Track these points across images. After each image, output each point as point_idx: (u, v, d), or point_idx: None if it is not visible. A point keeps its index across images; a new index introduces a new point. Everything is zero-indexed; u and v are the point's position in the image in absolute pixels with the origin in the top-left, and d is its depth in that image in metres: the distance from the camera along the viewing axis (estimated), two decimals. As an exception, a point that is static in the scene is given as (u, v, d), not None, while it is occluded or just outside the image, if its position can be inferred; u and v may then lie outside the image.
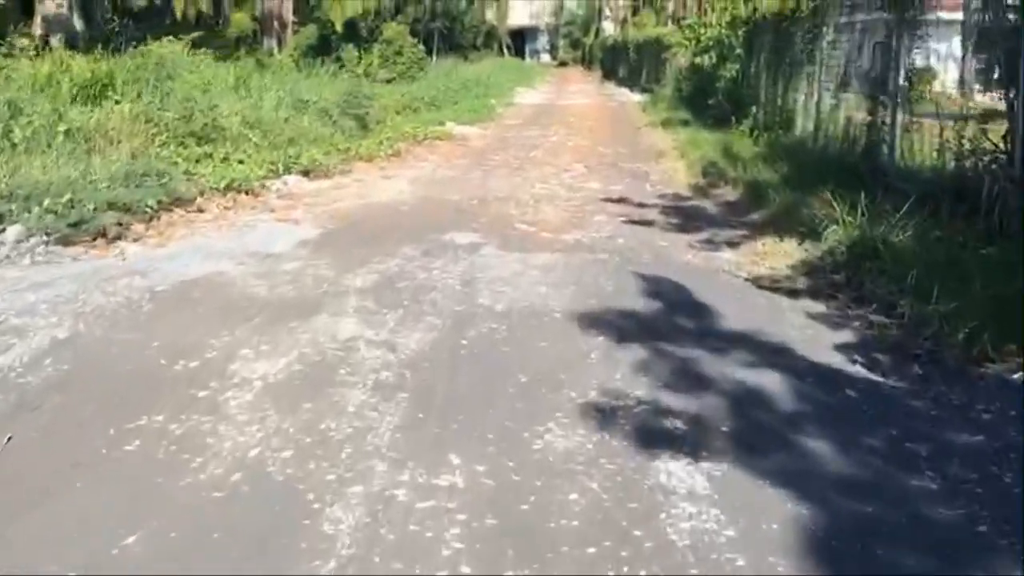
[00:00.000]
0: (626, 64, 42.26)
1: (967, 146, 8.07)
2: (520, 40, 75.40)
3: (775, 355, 4.66)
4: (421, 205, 9.15)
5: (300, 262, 6.24)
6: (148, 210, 7.90)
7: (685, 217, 8.97)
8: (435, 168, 12.14)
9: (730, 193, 10.17)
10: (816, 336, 5.06)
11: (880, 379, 4.40)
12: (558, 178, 11.54)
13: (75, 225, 7.09)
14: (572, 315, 5.16)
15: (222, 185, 9.14)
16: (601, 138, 16.72)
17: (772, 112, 14.16)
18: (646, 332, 4.93)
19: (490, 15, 65.87)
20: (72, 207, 7.30)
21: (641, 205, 9.61)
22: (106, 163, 9.03)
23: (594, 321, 5.05)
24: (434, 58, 46.11)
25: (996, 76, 8.46)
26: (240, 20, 28.31)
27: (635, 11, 58.32)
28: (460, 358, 4.44)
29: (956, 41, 32.89)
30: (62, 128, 9.56)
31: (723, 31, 15.74)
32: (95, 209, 7.40)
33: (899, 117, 9.87)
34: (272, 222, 8.02)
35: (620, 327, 4.97)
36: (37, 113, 9.85)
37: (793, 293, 6.05)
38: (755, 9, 15.58)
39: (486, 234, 7.67)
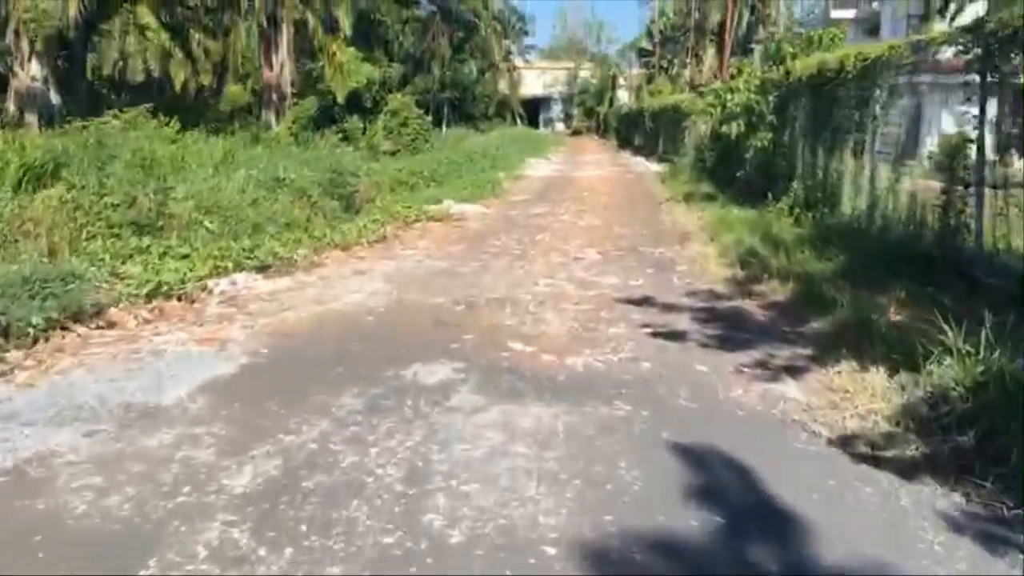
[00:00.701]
0: (642, 132, 40.94)
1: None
2: (534, 109, 75.07)
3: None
4: (392, 315, 7.28)
5: (180, 429, 4.32)
6: (31, 330, 6.09)
7: (726, 326, 7.06)
8: (422, 258, 10.32)
9: (777, 290, 8.26)
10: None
11: None
12: (567, 270, 9.70)
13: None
14: (576, 554, 3.20)
15: (144, 291, 7.34)
16: (617, 216, 14.93)
17: (813, 187, 12.34)
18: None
19: (503, 85, 65.45)
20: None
21: (669, 308, 7.72)
22: (3, 264, 7.29)
23: (612, 566, 3.09)
24: (444, 129, 45.17)
25: None
26: (236, 93, 27.14)
27: (650, 79, 57.45)
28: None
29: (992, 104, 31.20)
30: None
31: (752, 96, 14.11)
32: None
33: (986, 195, 8.02)
34: (190, 345, 6.16)
35: None
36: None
37: (907, 470, 4.09)
38: (788, 72, 13.91)
39: (466, 363, 5.78)
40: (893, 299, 7.50)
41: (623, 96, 68.56)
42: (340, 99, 30.09)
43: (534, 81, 75.26)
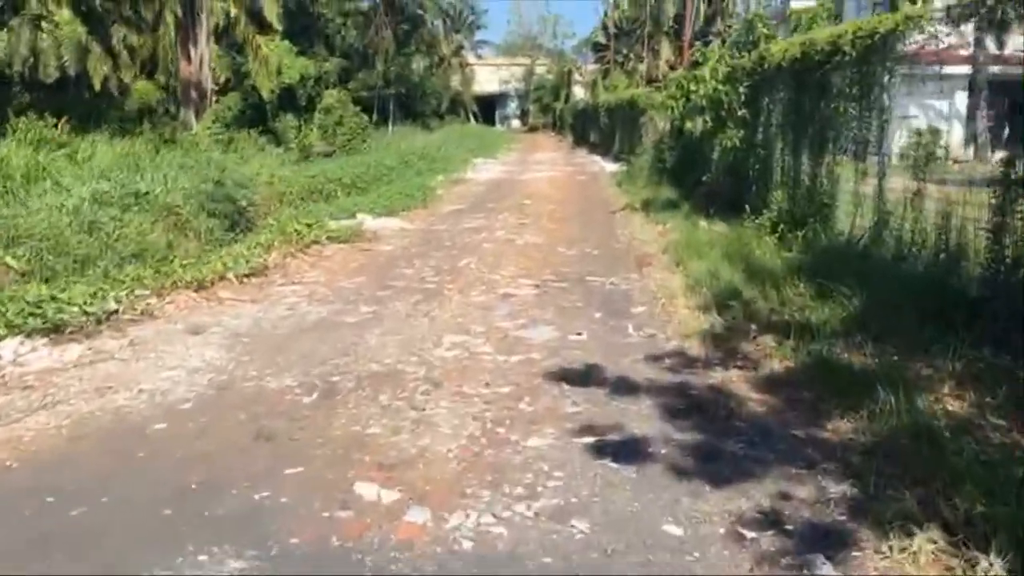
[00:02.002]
0: (597, 129, 38.66)
1: None
2: (490, 107, 72.62)
3: None
4: (198, 418, 4.78)
5: None
6: None
7: (708, 426, 4.66)
8: (299, 301, 7.82)
9: (773, 354, 5.89)
10: None
11: None
12: (488, 316, 7.26)
13: None
14: None
15: None
16: (564, 231, 12.53)
17: (799, 197, 10.05)
18: None
19: (455, 81, 62.87)
20: None
21: (622, 388, 5.31)
22: None
23: None
24: (390, 127, 42.46)
25: None
26: (145, 90, 24.26)
27: (605, 74, 55.29)
28: None
29: (960, 97, 29.44)
30: None
31: (719, 87, 11.84)
32: None
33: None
34: None
35: None
36: None
37: None
38: (762, 58, 11.61)
39: (268, 555, 3.31)
40: (944, 375, 5.18)
41: (579, 92, 66.39)
42: (265, 95, 27.37)
43: (489, 77, 72.92)
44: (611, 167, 25.25)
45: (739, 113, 11.98)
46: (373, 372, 5.60)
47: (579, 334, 6.68)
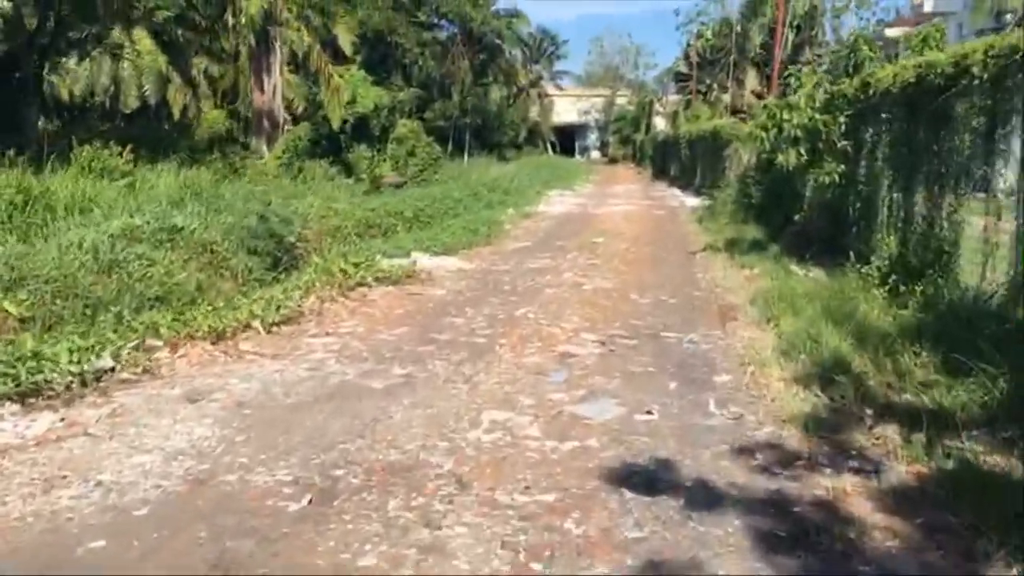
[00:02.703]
0: (677, 162, 37.29)
1: None
2: (570, 137, 71.75)
3: None
4: (159, 530, 3.76)
5: None
6: None
7: (820, 571, 3.42)
8: (327, 357, 6.81)
9: (899, 454, 4.59)
10: None
11: None
12: (541, 385, 6.11)
13: None
14: None
15: None
16: (638, 274, 11.31)
17: (914, 243, 8.64)
18: None
19: (534, 112, 62.27)
20: None
21: (701, 501, 4.09)
22: None
23: None
24: (465, 158, 41.86)
25: None
26: (214, 119, 24.02)
27: (687, 105, 53.83)
28: None
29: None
30: None
31: (816, 116, 10.52)
32: None
33: None
34: None
35: None
36: None
37: None
38: (866, 84, 10.26)
39: None
40: None
41: (660, 123, 65.01)
42: (335, 124, 26.85)
43: (568, 108, 72.29)
44: (691, 201, 23.91)
45: (839, 145, 10.61)
46: (388, 463, 4.50)
47: (649, 412, 5.47)
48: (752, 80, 49.15)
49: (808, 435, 4.95)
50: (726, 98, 49.76)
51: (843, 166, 10.73)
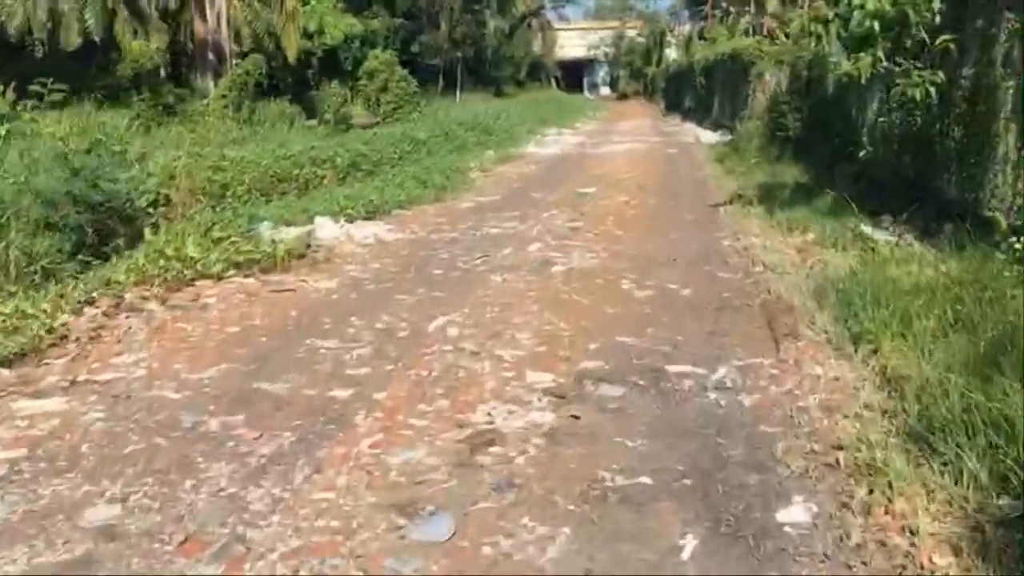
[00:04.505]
0: (692, 93, 33.29)
1: None
2: (578, 73, 67.63)
3: None
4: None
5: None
6: None
7: None
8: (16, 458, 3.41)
9: None
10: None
11: None
12: (389, 547, 2.71)
13: None
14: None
15: None
16: (637, 244, 7.80)
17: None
18: None
19: (537, 45, 58.03)
20: None
21: None
22: None
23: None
24: (458, 95, 37.91)
25: None
26: (140, 50, 20.23)
27: (701, 33, 49.40)
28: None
29: None
30: None
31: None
32: None
33: None
34: None
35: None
36: None
37: None
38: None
39: None
40: None
41: (673, 55, 60.49)
42: (292, 57, 23.09)
43: (576, 42, 67.88)
44: (709, 136, 20.20)
45: (935, 43, 6.97)
46: None
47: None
48: (774, 3, 44.74)
49: None
50: (743, 23, 45.40)
51: (940, 74, 7.08)
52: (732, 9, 48.57)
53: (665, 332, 5.07)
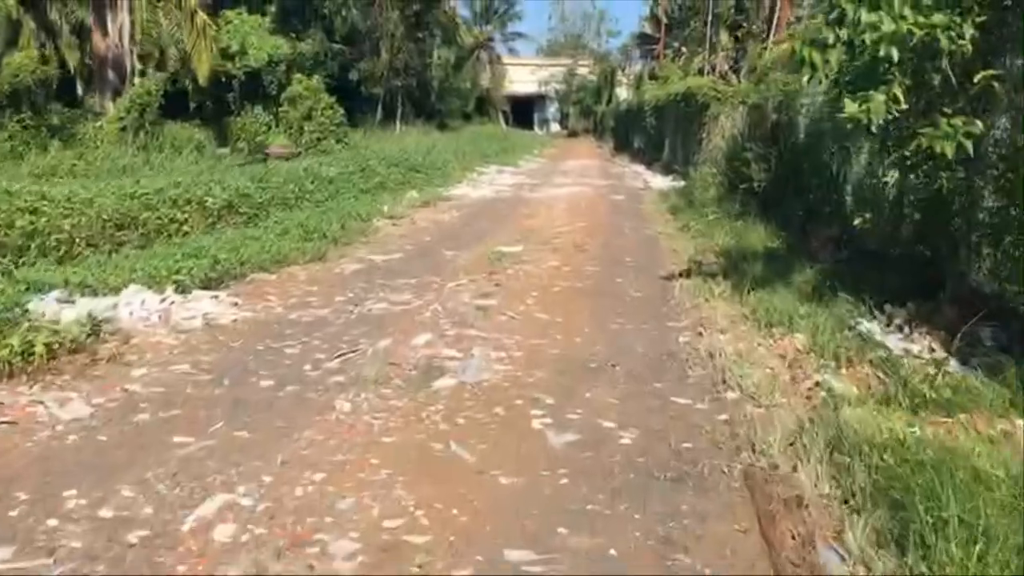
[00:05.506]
0: (643, 133, 31.67)
1: None
2: (528, 109, 66.24)
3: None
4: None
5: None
6: None
7: None
8: None
9: None
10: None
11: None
12: None
13: None
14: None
15: None
16: (566, 335, 5.68)
17: None
18: None
19: (485, 79, 56.33)
20: None
21: None
22: None
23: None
24: (398, 127, 35.73)
25: None
26: (21, 65, 17.59)
27: (652, 73, 48.17)
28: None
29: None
30: None
31: (924, 19, 5.06)
32: None
33: None
34: None
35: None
36: None
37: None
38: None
39: None
40: None
41: (623, 95, 59.35)
42: (202, 78, 20.68)
43: (527, 78, 66.52)
44: (660, 182, 18.36)
45: (979, 77, 5.05)
46: None
47: None
48: (725, 42, 43.69)
49: None
50: (697, 61, 44.24)
51: (979, 123, 5.14)
52: (684, 49, 47.56)
53: (587, 539, 2.94)
